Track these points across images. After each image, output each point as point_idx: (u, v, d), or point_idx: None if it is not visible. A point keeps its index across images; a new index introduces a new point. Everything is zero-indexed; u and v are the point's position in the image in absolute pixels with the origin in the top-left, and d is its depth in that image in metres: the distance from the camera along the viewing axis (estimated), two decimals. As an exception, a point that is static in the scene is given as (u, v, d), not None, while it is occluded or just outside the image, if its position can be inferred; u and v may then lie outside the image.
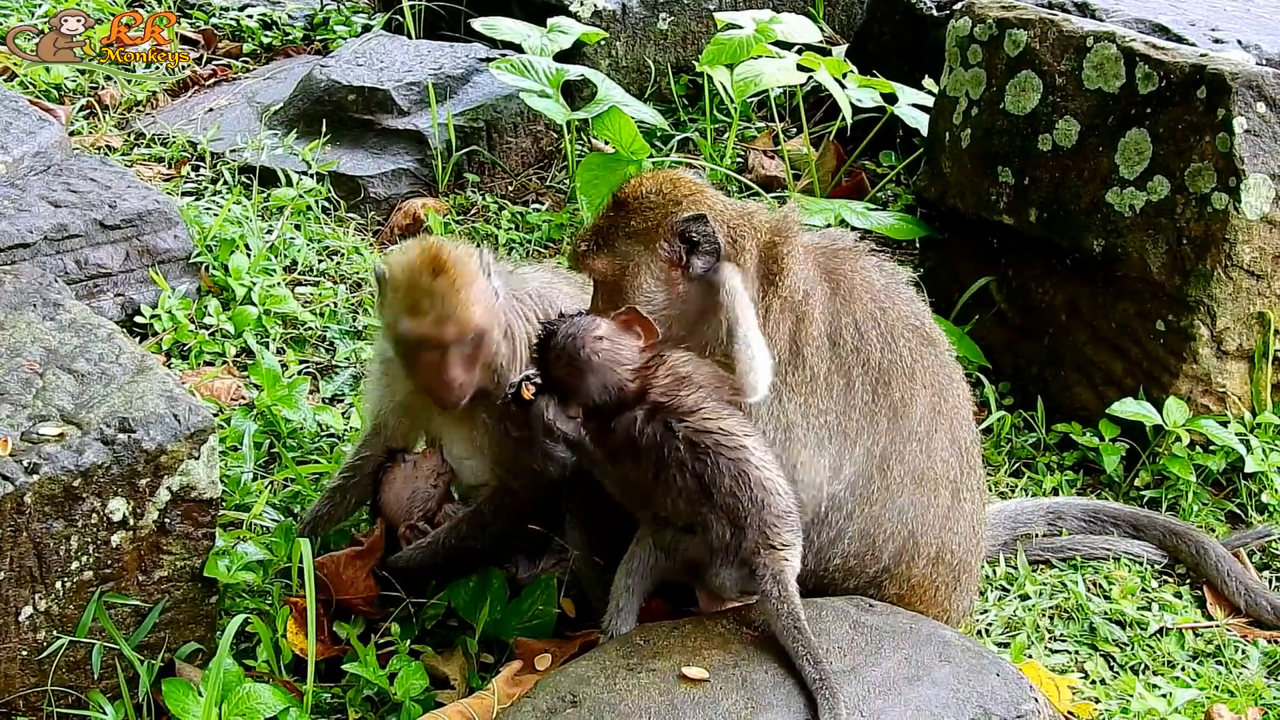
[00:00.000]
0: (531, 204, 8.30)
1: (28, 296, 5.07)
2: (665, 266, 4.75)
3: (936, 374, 4.92)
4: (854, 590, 4.87)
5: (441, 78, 8.54)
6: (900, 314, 4.89)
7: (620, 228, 4.80)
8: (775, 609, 4.36)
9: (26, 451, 4.32)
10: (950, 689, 4.25)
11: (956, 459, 4.95)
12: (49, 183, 6.92)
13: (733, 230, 4.78)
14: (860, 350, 4.77)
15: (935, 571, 4.95)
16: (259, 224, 7.52)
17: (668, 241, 4.73)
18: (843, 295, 4.82)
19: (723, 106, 8.83)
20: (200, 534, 4.66)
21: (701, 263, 4.73)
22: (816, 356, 4.74)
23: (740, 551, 4.40)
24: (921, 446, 4.85)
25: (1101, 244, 6.41)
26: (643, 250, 4.76)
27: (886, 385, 4.78)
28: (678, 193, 4.82)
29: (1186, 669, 5.38)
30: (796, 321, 4.74)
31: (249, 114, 8.81)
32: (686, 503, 4.45)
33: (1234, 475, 6.22)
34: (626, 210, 4.81)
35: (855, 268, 4.91)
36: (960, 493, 4.97)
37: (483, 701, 4.53)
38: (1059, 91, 6.64)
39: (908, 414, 4.81)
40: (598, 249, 4.82)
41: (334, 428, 6.23)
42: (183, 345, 6.71)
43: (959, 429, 4.98)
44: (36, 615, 4.41)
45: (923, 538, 4.89)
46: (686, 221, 4.71)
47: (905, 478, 4.82)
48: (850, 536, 4.80)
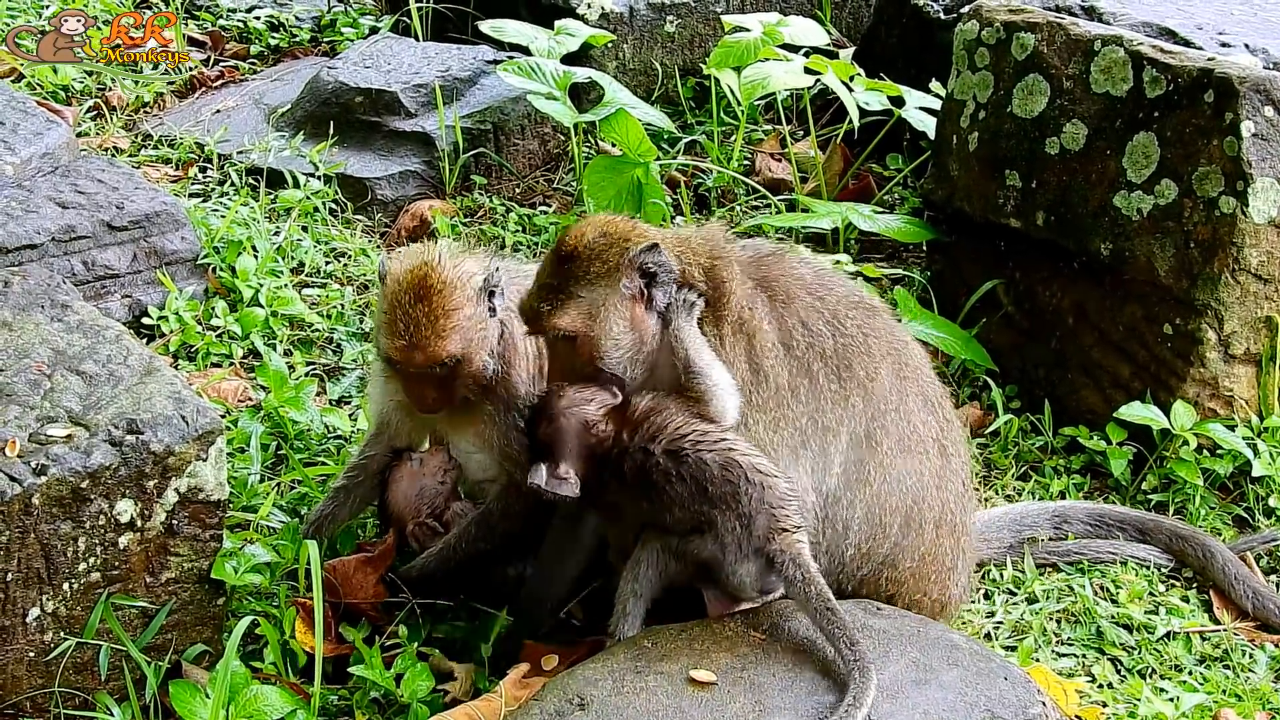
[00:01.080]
0: (539, 206, 8.30)
1: (36, 298, 5.07)
2: (630, 304, 4.79)
3: (889, 340, 5.00)
4: (868, 576, 4.91)
5: (449, 80, 8.54)
6: (838, 296, 4.97)
7: (578, 278, 4.80)
8: (803, 593, 4.38)
9: (34, 453, 4.33)
10: (958, 692, 4.26)
11: (933, 416, 5.01)
12: (56, 184, 6.92)
13: (680, 257, 4.83)
14: (814, 344, 4.83)
15: (940, 537, 5.00)
16: (266, 226, 7.52)
17: (628, 278, 4.77)
18: (781, 299, 4.89)
19: (730, 109, 8.83)
20: (208, 536, 4.66)
21: (662, 294, 4.79)
22: (777, 367, 4.79)
23: (753, 540, 4.41)
24: (899, 413, 4.90)
25: (1109, 247, 6.40)
26: (607, 292, 4.77)
27: (849, 367, 4.84)
28: (621, 231, 4.85)
29: (1194, 673, 5.37)
30: (749, 340, 4.80)
31: (256, 116, 8.81)
32: (685, 509, 4.47)
33: (1241, 479, 6.21)
34: (578, 260, 4.81)
35: (784, 270, 4.98)
36: (946, 448, 5.03)
37: (490, 704, 4.53)
38: (1066, 95, 6.64)
39: (877, 386, 4.87)
40: (560, 305, 4.80)
41: (341, 429, 6.23)
42: (190, 347, 6.71)
43: (926, 386, 5.05)
44: (44, 616, 4.42)
45: (924, 502, 4.94)
46: (642, 253, 4.74)
47: (894, 448, 4.87)
48: (858, 524, 4.84)
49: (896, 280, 7.45)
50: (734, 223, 8.05)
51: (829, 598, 4.36)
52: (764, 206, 8.18)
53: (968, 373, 6.89)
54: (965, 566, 5.18)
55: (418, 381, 5.07)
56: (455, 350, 4.96)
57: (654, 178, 7.66)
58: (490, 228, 7.92)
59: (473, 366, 5.03)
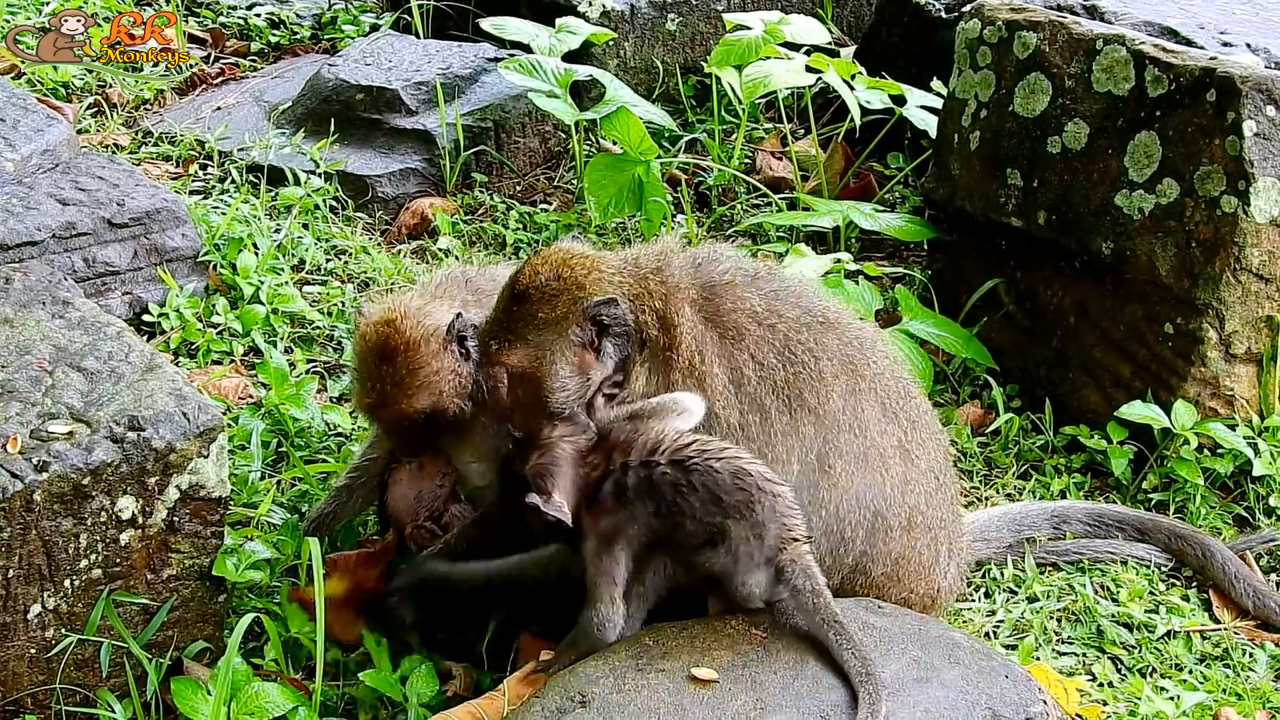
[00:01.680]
0: (539, 204, 8.30)
1: (37, 294, 5.07)
2: (579, 351, 4.78)
3: (844, 355, 4.94)
4: (842, 582, 4.89)
5: (450, 77, 8.53)
6: (789, 321, 4.91)
7: (528, 320, 4.79)
8: (810, 604, 4.37)
9: (36, 449, 4.33)
10: (959, 690, 4.25)
11: (892, 422, 4.97)
12: (57, 181, 6.92)
13: (635, 305, 4.82)
14: (765, 378, 4.81)
15: (912, 538, 4.97)
16: (267, 223, 7.52)
17: (580, 327, 4.76)
18: (731, 336, 4.85)
19: (731, 107, 8.84)
20: (209, 533, 4.66)
21: (613, 347, 4.78)
22: (728, 409, 4.78)
23: (765, 550, 4.40)
24: (853, 431, 4.87)
25: (1110, 246, 6.40)
26: (555, 338, 4.77)
27: (800, 397, 4.81)
28: (576, 275, 4.82)
29: (1194, 672, 5.37)
30: (699, 385, 4.77)
31: (257, 113, 8.81)
32: (697, 521, 4.44)
33: (1242, 479, 6.22)
34: (530, 301, 4.79)
35: (734, 302, 4.91)
36: (910, 451, 4.99)
37: (493, 702, 4.52)
38: (1068, 94, 6.64)
39: (828, 410, 4.83)
40: (509, 344, 4.80)
41: (342, 427, 6.23)
42: (190, 344, 6.71)
43: (885, 392, 4.99)
44: (45, 613, 4.42)
45: (889, 511, 4.91)
46: (598, 306, 4.73)
47: (849, 465, 4.84)
48: (817, 539, 4.80)
49: (897, 279, 7.46)
50: (735, 221, 8.07)
51: (834, 609, 4.36)
52: (765, 205, 8.18)
53: (968, 371, 6.89)
54: (951, 557, 5.16)
55: (393, 432, 5.15)
56: (423, 405, 5.03)
57: (655, 176, 7.66)
58: (491, 225, 7.93)
59: (447, 414, 5.07)
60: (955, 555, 5.19)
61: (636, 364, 4.80)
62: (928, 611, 5.03)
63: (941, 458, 5.16)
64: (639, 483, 4.51)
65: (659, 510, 4.47)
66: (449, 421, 5.11)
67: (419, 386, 5.00)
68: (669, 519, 4.46)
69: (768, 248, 7.65)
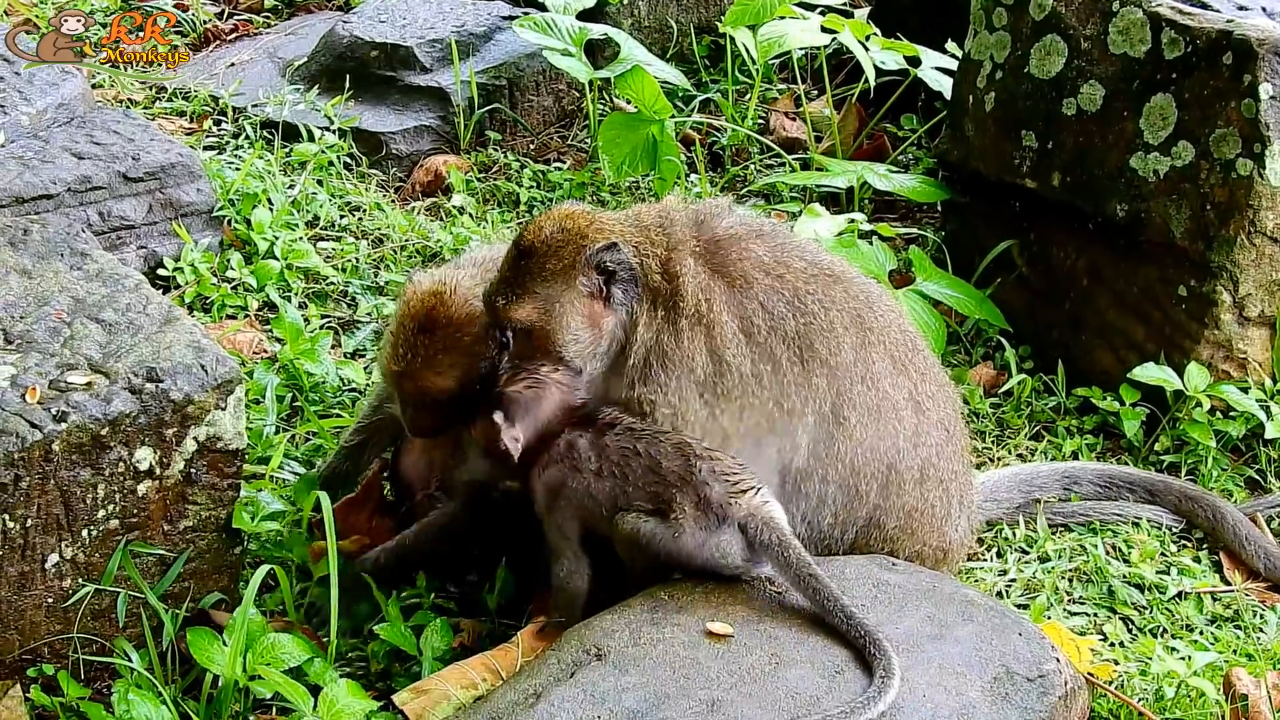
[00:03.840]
0: (553, 162, 8.30)
1: (55, 246, 5.08)
2: (588, 301, 4.79)
3: (852, 308, 4.97)
4: (856, 538, 4.94)
5: (464, 35, 8.52)
6: (796, 272, 4.93)
7: (534, 274, 4.80)
8: (781, 558, 4.38)
9: (55, 400, 4.34)
10: (973, 647, 4.28)
11: (903, 375, 5.00)
12: (72, 134, 6.92)
13: (638, 251, 4.84)
14: (775, 328, 4.82)
15: (924, 491, 5.01)
16: (281, 179, 7.53)
17: (585, 276, 4.77)
18: (739, 285, 4.87)
19: (745, 68, 8.81)
20: (225, 485, 4.68)
21: (621, 291, 4.80)
22: (738, 356, 4.79)
23: (714, 506, 4.43)
24: (865, 383, 4.90)
25: (1125, 209, 6.40)
26: (564, 289, 4.78)
27: (811, 347, 4.83)
28: (579, 226, 4.83)
29: (1205, 633, 5.40)
30: (707, 332, 4.79)
31: (271, 69, 8.80)
32: (639, 489, 4.52)
33: (1254, 441, 6.23)
34: (535, 256, 4.80)
35: (741, 252, 4.93)
36: (921, 403, 5.02)
37: (508, 654, 4.55)
38: (1084, 56, 6.62)
39: (841, 361, 4.86)
40: (517, 299, 4.80)
41: (356, 382, 6.25)
42: (205, 298, 6.73)
43: (892, 344, 5.02)
44: (63, 563, 4.44)
45: (902, 463, 4.95)
46: (600, 252, 4.74)
47: (864, 418, 4.87)
48: (832, 494, 4.86)
49: (911, 240, 7.45)
50: (748, 181, 8.07)
51: (809, 563, 4.34)
52: (779, 165, 8.18)
53: (981, 333, 6.90)
54: (962, 510, 5.18)
55: (410, 405, 5.10)
56: (447, 386, 4.98)
57: (669, 135, 7.65)
58: (505, 183, 7.93)
59: (466, 399, 5.03)
60: (966, 508, 5.21)
61: (643, 314, 4.82)
62: (939, 565, 5.06)
63: (951, 410, 5.18)
64: (590, 443, 4.62)
65: (601, 471, 4.57)
66: (465, 405, 5.09)
67: (449, 366, 4.96)
68: (609, 480, 4.55)
69: (781, 208, 7.66)
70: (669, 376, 4.77)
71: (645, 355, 4.79)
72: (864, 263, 6.65)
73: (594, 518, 4.62)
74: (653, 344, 4.79)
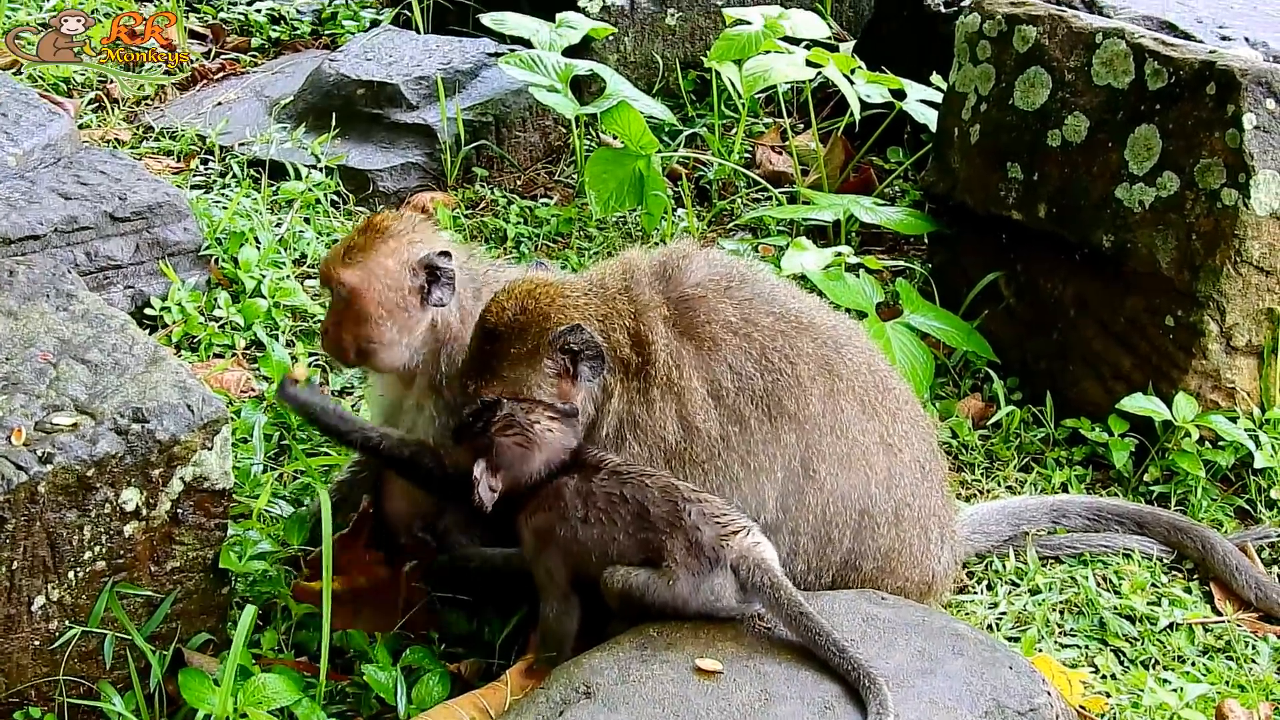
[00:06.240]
0: (540, 198, 8.30)
1: (41, 287, 5.07)
2: (555, 381, 4.79)
3: (821, 355, 4.94)
4: (833, 579, 4.92)
5: (450, 72, 8.54)
6: (764, 329, 4.91)
7: (500, 357, 4.81)
8: (773, 599, 4.36)
9: (40, 441, 4.33)
10: (963, 681, 4.26)
11: (872, 419, 4.97)
12: (59, 175, 6.92)
13: (605, 326, 4.84)
14: (743, 389, 4.81)
15: (900, 531, 4.99)
16: (268, 217, 7.54)
17: (550, 358, 4.77)
18: (707, 348, 4.85)
19: (731, 102, 8.84)
20: (212, 525, 4.66)
21: (589, 369, 4.79)
22: (708, 422, 4.79)
23: (706, 549, 4.41)
24: (834, 432, 4.88)
25: (1111, 239, 6.41)
26: (530, 372, 4.79)
27: (779, 404, 4.82)
28: (541, 305, 4.83)
29: (1197, 664, 5.38)
30: (678, 400, 4.80)
31: (258, 108, 8.82)
32: (630, 536, 4.51)
33: (1243, 471, 6.22)
34: (499, 339, 4.81)
35: (708, 313, 4.91)
36: (893, 445, 4.99)
37: (496, 693, 4.53)
38: (1068, 87, 6.64)
39: (808, 415, 4.84)
40: (486, 382, 4.81)
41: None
42: (192, 337, 6.72)
43: (862, 388, 4.99)
44: (49, 605, 4.42)
45: (875, 508, 4.93)
46: (564, 334, 4.74)
47: (833, 468, 4.86)
48: (804, 544, 4.85)
49: (898, 272, 7.46)
50: (735, 215, 8.08)
51: (800, 602, 4.33)
52: (765, 199, 8.19)
53: (969, 364, 6.90)
54: (943, 542, 5.16)
55: (329, 303, 5.24)
56: (352, 281, 5.07)
57: (655, 170, 7.67)
58: (492, 220, 7.93)
59: (366, 312, 5.09)
60: (948, 539, 5.19)
61: (616, 384, 4.82)
62: (924, 597, 5.05)
63: (926, 446, 5.16)
64: (575, 490, 4.61)
65: (588, 519, 4.55)
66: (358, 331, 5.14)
67: (360, 264, 5.10)
68: (596, 528, 4.54)
69: (768, 241, 7.66)
70: (641, 446, 4.79)
71: (618, 425, 4.81)
72: (851, 296, 6.67)
73: (583, 564, 4.60)
74: (625, 414, 4.81)
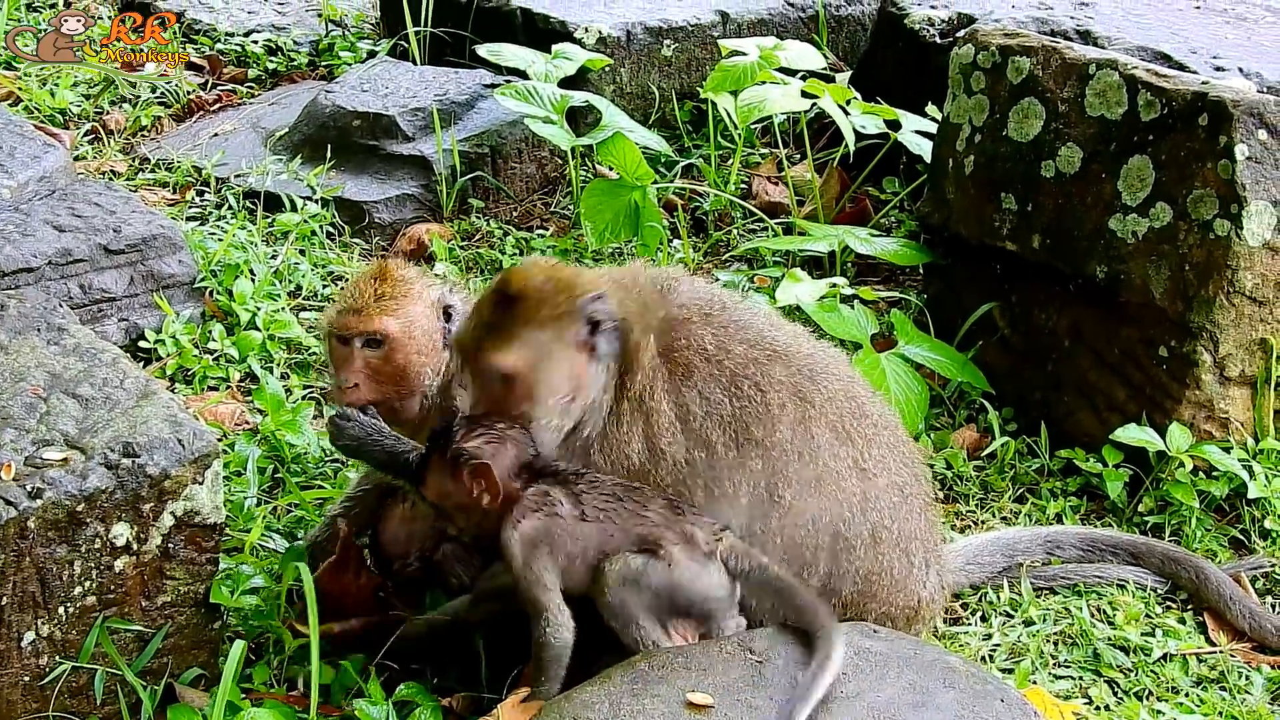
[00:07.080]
0: (536, 229, 8.31)
1: (32, 321, 5.08)
2: (575, 353, 4.78)
3: (793, 383, 4.94)
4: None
5: (446, 104, 8.56)
6: (736, 357, 4.91)
7: (524, 320, 4.77)
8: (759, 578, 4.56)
9: (30, 476, 4.33)
10: (955, 715, 4.25)
11: (846, 444, 4.96)
12: (53, 207, 6.93)
13: (620, 306, 4.86)
14: (711, 413, 4.81)
15: (879, 554, 4.97)
16: (263, 249, 7.54)
17: (575, 325, 4.77)
18: (680, 373, 4.86)
19: (727, 133, 8.85)
20: (204, 559, 4.66)
21: (605, 342, 4.80)
22: (674, 445, 4.80)
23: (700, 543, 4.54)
24: (803, 457, 4.87)
25: (1104, 270, 6.41)
26: (554, 338, 4.76)
27: (747, 430, 4.82)
28: (567, 278, 4.85)
29: (1191, 694, 5.36)
30: (646, 419, 4.81)
31: (254, 139, 8.83)
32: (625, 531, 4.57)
33: (1237, 501, 6.21)
34: (525, 301, 4.78)
35: (686, 338, 4.91)
36: (866, 469, 4.98)
37: (487, 728, 4.54)
38: (1062, 118, 6.65)
39: (775, 441, 4.84)
40: (504, 344, 4.75)
41: (337, 453, 6.22)
42: (186, 370, 6.72)
43: (837, 414, 4.98)
44: (39, 640, 4.41)
45: (849, 531, 4.91)
46: (592, 301, 4.76)
47: (801, 493, 4.85)
48: (778, 565, 4.81)
49: (893, 303, 7.47)
50: (731, 245, 8.08)
51: (783, 575, 4.49)
52: (761, 229, 8.20)
53: (964, 395, 6.89)
54: (926, 564, 5.13)
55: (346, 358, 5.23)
56: (393, 330, 5.13)
57: (651, 201, 7.68)
58: (487, 251, 7.94)
59: (409, 359, 5.16)
60: (934, 564, 5.17)
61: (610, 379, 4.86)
62: (911, 623, 5.05)
63: (906, 471, 5.13)
64: (564, 492, 4.64)
65: (584, 516, 4.59)
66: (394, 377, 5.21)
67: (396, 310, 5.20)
68: (594, 524, 4.58)
69: (764, 272, 7.67)
70: (605, 461, 4.80)
71: (588, 433, 4.83)
72: (846, 327, 6.68)
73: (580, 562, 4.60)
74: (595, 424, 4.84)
